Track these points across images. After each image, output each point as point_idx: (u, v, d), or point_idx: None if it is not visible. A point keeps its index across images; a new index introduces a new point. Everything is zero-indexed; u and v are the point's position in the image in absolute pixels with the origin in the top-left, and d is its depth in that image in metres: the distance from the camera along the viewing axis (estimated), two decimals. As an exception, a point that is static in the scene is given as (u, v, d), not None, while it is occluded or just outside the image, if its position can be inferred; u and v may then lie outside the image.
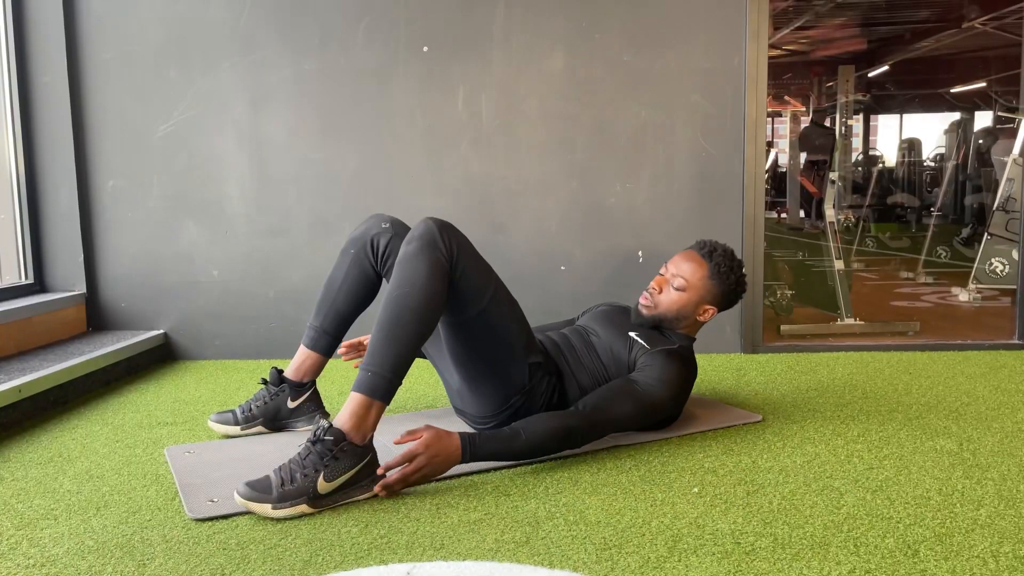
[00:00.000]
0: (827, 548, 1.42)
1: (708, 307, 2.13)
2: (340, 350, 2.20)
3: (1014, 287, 3.74)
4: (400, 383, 1.72)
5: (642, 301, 2.15)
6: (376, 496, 1.69)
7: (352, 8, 3.06)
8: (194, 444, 2.07)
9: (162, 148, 3.11)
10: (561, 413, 1.88)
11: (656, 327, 2.15)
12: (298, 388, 2.15)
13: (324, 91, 3.10)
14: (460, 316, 1.87)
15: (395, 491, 1.69)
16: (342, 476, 1.62)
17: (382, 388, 1.68)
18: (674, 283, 2.11)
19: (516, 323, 1.93)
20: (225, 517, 1.60)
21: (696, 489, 1.71)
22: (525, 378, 1.95)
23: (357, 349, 2.23)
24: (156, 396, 2.62)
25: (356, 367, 2.20)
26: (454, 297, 1.84)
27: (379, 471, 1.69)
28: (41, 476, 1.86)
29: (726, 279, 2.11)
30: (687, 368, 2.04)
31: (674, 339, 2.13)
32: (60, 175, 3.08)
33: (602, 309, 2.28)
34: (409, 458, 1.69)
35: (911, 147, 9.36)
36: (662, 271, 2.17)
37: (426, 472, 1.70)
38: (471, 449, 1.74)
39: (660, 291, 2.13)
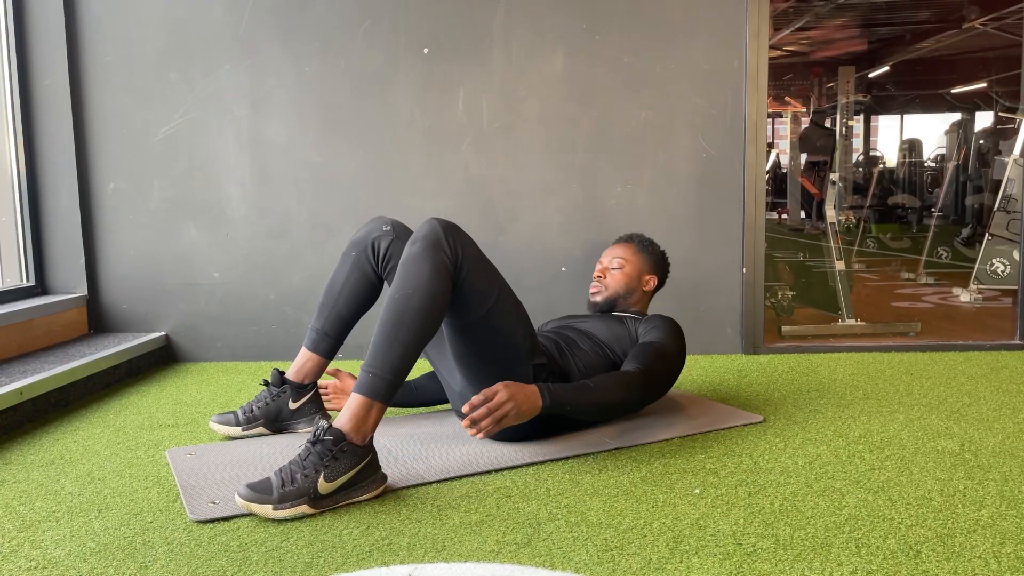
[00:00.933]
0: (829, 549, 1.42)
1: (648, 276, 2.37)
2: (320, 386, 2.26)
3: (1015, 287, 3.74)
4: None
5: (592, 291, 2.36)
6: (378, 497, 1.69)
7: (352, 10, 3.07)
8: (195, 446, 2.07)
9: (163, 150, 3.11)
10: (616, 372, 1.98)
11: (611, 308, 2.33)
12: (299, 389, 2.16)
13: (325, 93, 3.10)
14: (464, 318, 1.87)
15: (483, 428, 1.72)
16: (343, 476, 1.62)
17: (383, 390, 1.68)
18: (613, 264, 2.35)
19: (521, 325, 1.93)
20: (226, 519, 1.60)
21: (697, 490, 1.71)
22: (529, 380, 1.95)
23: (335, 391, 2.30)
24: (157, 398, 2.62)
25: (330, 409, 2.26)
26: (458, 299, 1.84)
27: (464, 408, 1.73)
28: (42, 478, 1.86)
29: (652, 249, 2.39)
30: (677, 324, 2.21)
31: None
32: (61, 177, 3.08)
33: (563, 316, 2.42)
34: (490, 396, 1.74)
35: (912, 148, 9.36)
36: (598, 266, 2.39)
37: (510, 408, 1.74)
38: (549, 394, 1.82)
39: (605, 277, 2.35)
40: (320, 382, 2.29)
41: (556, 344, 2.12)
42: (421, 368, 2.84)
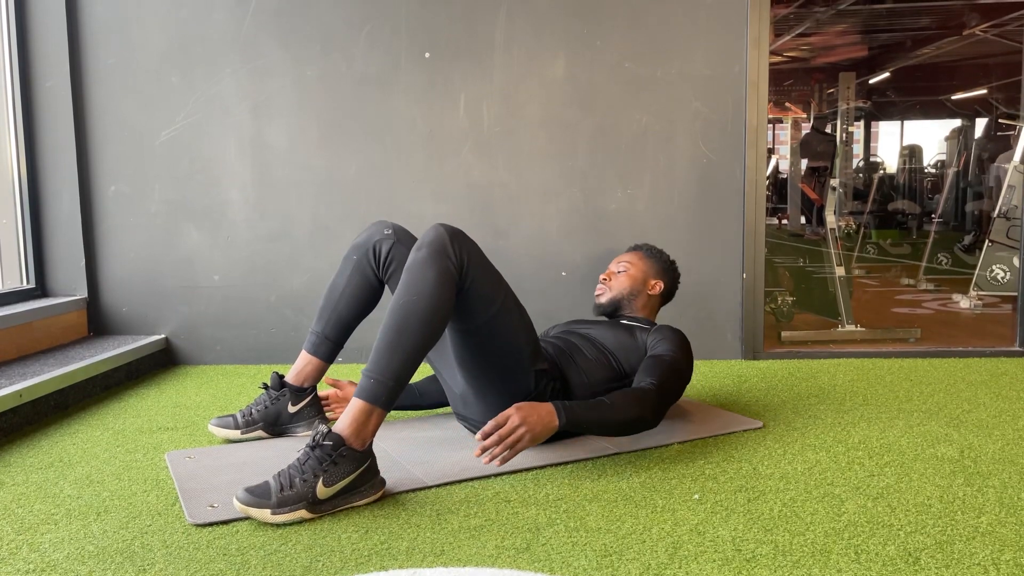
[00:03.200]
0: (828, 555, 1.42)
1: (654, 281, 2.34)
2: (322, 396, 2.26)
3: (1015, 294, 3.74)
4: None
5: (596, 294, 2.35)
6: (376, 501, 1.69)
7: (354, 15, 3.07)
8: (194, 449, 2.07)
9: (164, 153, 3.11)
10: (631, 388, 1.96)
11: (616, 310, 2.31)
12: (299, 393, 2.15)
13: (326, 97, 3.10)
14: (469, 323, 1.87)
15: (497, 456, 1.71)
16: (341, 481, 1.62)
17: (383, 396, 1.68)
18: (618, 268, 2.34)
19: (524, 331, 1.93)
20: (225, 522, 1.60)
21: (697, 496, 1.71)
22: (531, 385, 1.95)
23: (324, 401, 2.29)
24: (157, 401, 2.62)
25: (331, 419, 2.26)
26: (463, 305, 1.83)
27: (477, 438, 1.72)
28: (41, 481, 1.86)
29: (659, 256, 2.38)
30: (685, 336, 2.19)
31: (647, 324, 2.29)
32: (62, 180, 3.09)
33: (568, 321, 2.41)
34: (502, 421, 1.72)
35: (912, 154, 9.37)
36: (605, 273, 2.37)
37: (523, 433, 1.72)
38: (565, 412, 1.79)
39: (610, 280, 2.34)
40: (320, 392, 2.28)
41: (559, 349, 2.12)
42: (423, 372, 2.84)
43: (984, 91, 10.25)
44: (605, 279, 2.34)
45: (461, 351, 1.93)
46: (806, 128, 11.31)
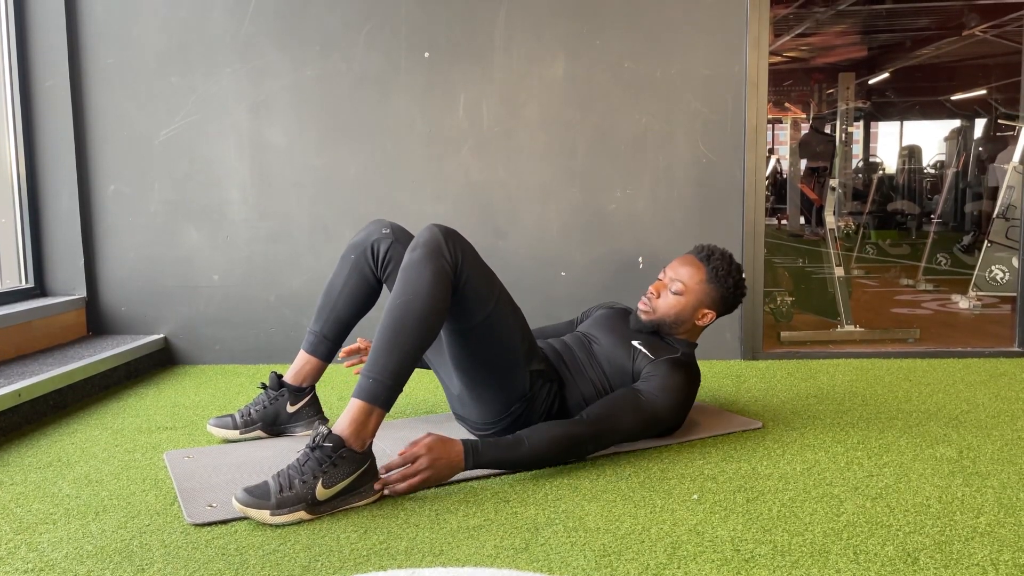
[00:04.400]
0: (827, 556, 1.42)
1: (707, 311, 2.11)
2: (340, 354, 2.21)
3: (1014, 294, 3.74)
4: (401, 390, 1.72)
5: (640, 307, 2.13)
6: (375, 502, 1.69)
7: (354, 15, 3.07)
8: (193, 449, 2.07)
9: (163, 153, 3.11)
10: (565, 422, 1.88)
11: (656, 333, 2.14)
12: (297, 393, 2.16)
13: (325, 97, 3.10)
14: (463, 323, 1.87)
15: (397, 491, 1.70)
16: (341, 483, 1.62)
17: (383, 395, 1.68)
18: (672, 287, 2.10)
19: (519, 330, 1.93)
20: (224, 522, 1.60)
21: (696, 496, 1.71)
22: (526, 385, 1.95)
23: (358, 353, 2.23)
24: (155, 400, 2.62)
25: (357, 373, 2.23)
26: (458, 305, 1.84)
27: (381, 470, 1.71)
28: (40, 480, 1.86)
29: (724, 283, 2.09)
30: (691, 377, 2.03)
31: (676, 346, 2.11)
32: (61, 179, 3.08)
33: (603, 313, 2.26)
34: (411, 460, 1.72)
35: (911, 154, 9.37)
36: (660, 276, 2.15)
37: (428, 475, 1.72)
38: (474, 456, 1.75)
39: (658, 296, 2.11)
40: (349, 347, 2.22)
41: (560, 356, 2.10)
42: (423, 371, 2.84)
43: (984, 91, 10.25)
44: (653, 295, 2.11)
45: (457, 352, 1.93)
46: (805, 128, 11.30)
